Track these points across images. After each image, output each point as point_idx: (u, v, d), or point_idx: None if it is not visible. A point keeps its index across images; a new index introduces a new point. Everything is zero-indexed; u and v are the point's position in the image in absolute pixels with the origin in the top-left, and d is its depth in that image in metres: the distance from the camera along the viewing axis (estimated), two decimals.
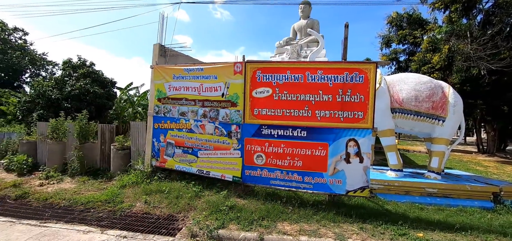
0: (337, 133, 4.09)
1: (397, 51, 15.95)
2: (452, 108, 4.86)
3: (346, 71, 4.04)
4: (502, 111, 12.06)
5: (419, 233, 3.33)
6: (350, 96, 4.04)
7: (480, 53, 10.37)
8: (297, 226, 3.42)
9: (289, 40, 9.30)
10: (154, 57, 5.59)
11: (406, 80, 5.06)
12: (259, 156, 4.39)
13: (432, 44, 11.84)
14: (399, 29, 15.86)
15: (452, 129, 4.95)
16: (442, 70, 11.24)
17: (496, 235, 3.34)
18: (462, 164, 9.20)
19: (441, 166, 4.96)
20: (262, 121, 4.32)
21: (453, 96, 4.93)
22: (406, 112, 4.91)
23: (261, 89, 4.29)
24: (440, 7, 12.79)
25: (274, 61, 4.30)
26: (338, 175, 4.10)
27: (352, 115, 4.04)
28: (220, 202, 4.06)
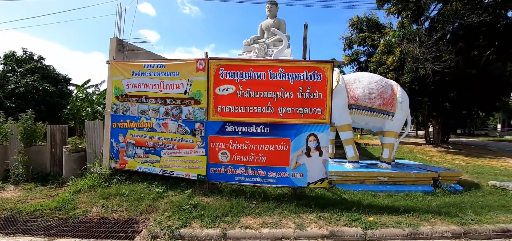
0: (298, 129, 4.27)
1: (358, 52, 17.10)
2: (400, 104, 5.39)
3: (306, 70, 4.24)
4: (445, 108, 13.67)
5: (370, 217, 3.65)
6: (310, 93, 4.25)
7: (427, 55, 11.62)
8: (259, 220, 3.51)
9: (257, 39, 9.41)
10: (111, 52, 5.24)
11: (361, 79, 5.48)
12: (223, 153, 4.40)
13: (387, 47, 12.95)
14: (359, 32, 17.01)
15: (400, 123, 5.51)
16: (396, 70, 12.37)
17: (433, 214, 3.80)
18: (412, 155, 10.27)
19: (391, 156, 5.48)
20: (226, 118, 4.34)
21: (401, 93, 5.47)
22: (361, 108, 5.31)
23: (225, 86, 4.30)
24: (394, 13, 14.03)
25: (237, 59, 4.34)
26: (299, 168, 4.29)
27: (312, 111, 4.26)
28: (184, 202, 4.00)
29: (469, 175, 6.51)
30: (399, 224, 3.44)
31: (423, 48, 11.81)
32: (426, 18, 14.16)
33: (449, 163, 8.58)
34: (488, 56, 12.48)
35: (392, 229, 3.31)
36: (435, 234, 3.32)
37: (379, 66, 12.83)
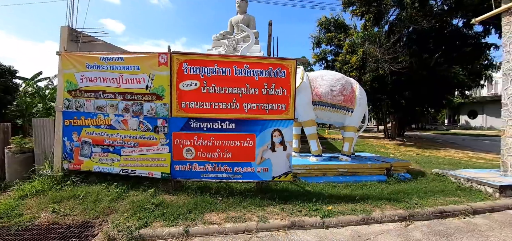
0: (263, 124, 4.36)
1: (325, 51, 17.88)
2: (358, 101, 5.79)
3: (270, 66, 4.33)
4: (401, 105, 15.01)
5: (329, 206, 3.88)
6: (274, 90, 4.35)
7: (385, 56, 12.60)
8: (224, 215, 3.53)
9: (226, 34, 9.33)
10: (62, 42, 4.79)
11: (324, 76, 5.76)
12: (188, 150, 4.32)
13: (351, 47, 13.77)
14: (327, 31, 17.77)
15: (359, 118, 5.92)
16: (358, 69, 13.23)
17: (384, 201, 4.17)
18: (371, 148, 11.12)
19: (350, 149, 5.88)
20: (190, 115, 4.25)
21: (359, 91, 5.87)
22: (324, 105, 5.59)
23: (189, 81, 4.21)
24: (358, 15, 14.93)
25: (201, 54, 4.26)
26: (265, 163, 4.39)
27: (276, 107, 4.37)
28: (146, 201, 3.85)
29: (418, 165, 7.26)
30: (354, 211, 3.71)
31: (382, 50, 12.77)
32: (386, 22, 15.33)
33: (402, 154, 9.46)
34: (436, 59, 13.94)
35: (347, 216, 3.56)
36: (385, 218, 3.66)
37: (344, 65, 13.59)
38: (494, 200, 4.48)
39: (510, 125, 5.52)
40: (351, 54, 13.44)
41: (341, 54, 14.28)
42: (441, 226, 3.60)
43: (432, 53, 14.13)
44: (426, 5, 13.31)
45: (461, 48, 13.74)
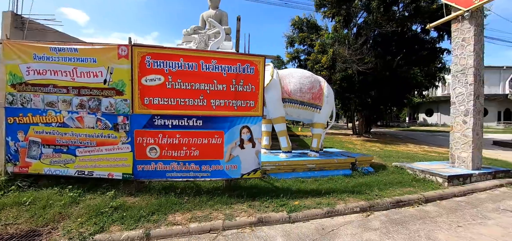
0: (231, 121, 4.30)
1: (298, 50, 18.27)
2: (326, 99, 5.99)
3: (239, 62, 4.28)
4: (368, 103, 15.93)
5: (296, 201, 3.95)
6: (243, 86, 4.31)
7: (353, 57, 13.25)
8: (189, 215, 3.41)
9: (198, 29, 9.06)
10: (4, 29, 4.25)
11: (293, 74, 5.86)
12: (152, 149, 4.10)
13: (322, 47, 14.25)
14: (300, 31, 18.18)
15: (327, 115, 6.13)
16: (328, 69, 13.75)
17: (347, 194, 4.36)
18: (340, 144, 11.63)
19: (319, 145, 6.07)
20: (154, 111, 4.03)
21: (327, 89, 6.08)
22: (293, 102, 5.69)
23: (152, 76, 3.98)
24: (329, 16, 15.53)
25: (166, 47, 4.06)
26: (233, 160, 4.34)
27: (245, 104, 4.34)
28: (104, 204, 3.57)
29: (380, 159, 7.76)
30: (319, 205, 3.82)
31: (350, 51, 13.41)
32: (354, 25, 16.12)
33: (367, 149, 10.05)
34: (398, 61, 15.02)
35: (313, 210, 3.66)
36: (348, 210, 3.82)
37: (315, 64, 14.02)
38: (443, 189, 4.94)
39: (457, 122, 6.12)
40: (322, 54, 13.91)
41: (313, 54, 14.71)
42: (398, 215, 3.86)
43: (394, 56, 15.21)
44: (390, 10, 14.25)
45: (419, 52, 14.97)
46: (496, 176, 5.83)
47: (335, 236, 3.14)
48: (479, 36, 6.01)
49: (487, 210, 4.18)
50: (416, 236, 3.21)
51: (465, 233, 3.29)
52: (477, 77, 5.89)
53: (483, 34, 6.20)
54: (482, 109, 6.05)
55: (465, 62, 6.01)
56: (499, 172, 5.94)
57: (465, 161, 5.87)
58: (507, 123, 33.07)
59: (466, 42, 6.01)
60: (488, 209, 4.25)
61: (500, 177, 5.88)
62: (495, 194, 5.06)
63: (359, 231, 3.28)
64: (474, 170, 5.71)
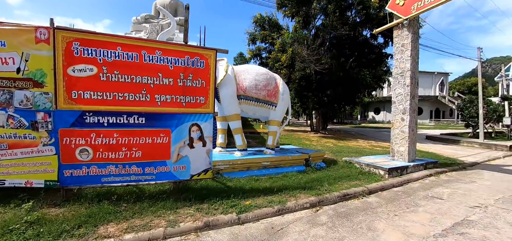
0: (179, 119, 3.98)
1: (260, 48, 18.37)
2: (281, 96, 6.02)
3: (187, 55, 3.97)
4: (324, 101, 16.83)
5: (248, 201, 3.83)
6: (192, 81, 4.02)
7: (311, 57, 13.80)
8: (125, 224, 3.02)
9: (150, 18, 8.35)
10: None
11: (249, 70, 5.74)
12: (83, 151, 3.54)
13: (282, 46, 14.53)
14: (262, 29, 18.28)
15: (282, 112, 6.18)
16: (288, 67, 14.10)
17: (299, 190, 4.41)
18: (298, 140, 12.04)
19: (274, 143, 6.08)
20: (85, 107, 3.48)
21: (282, 86, 6.12)
22: (249, 99, 5.58)
23: (82, 66, 3.43)
24: (288, 16, 15.89)
25: (99, 33, 3.53)
26: (182, 161, 4.03)
27: (194, 100, 4.06)
28: (17, 220, 2.96)
29: (332, 154, 8.19)
30: (271, 203, 3.77)
31: (309, 51, 13.93)
32: (313, 26, 16.82)
33: (322, 145, 10.57)
34: (351, 63, 16.17)
35: (263, 209, 3.58)
36: (298, 207, 3.84)
37: (275, 62, 14.23)
38: (384, 181, 5.37)
39: (396, 119, 6.76)
40: (282, 52, 14.18)
41: (274, 52, 14.92)
42: (344, 208, 4.03)
43: (347, 58, 16.32)
44: (344, 15, 15.21)
45: (368, 55, 16.32)
46: (427, 166, 6.60)
47: (284, 234, 3.11)
48: (415, 43, 6.71)
49: (418, 198, 4.65)
50: (359, 227, 3.36)
51: (400, 221, 3.57)
52: (413, 79, 6.56)
53: (418, 41, 6.94)
54: (417, 108, 6.78)
55: (404, 66, 6.64)
56: (429, 163, 6.74)
57: (402, 155, 6.52)
58: (437, 120, 38.53)
59: (404, 47, 6.64)
60: (420, 197, 4.73)
61: (430, 167, 6.67)
62: (426, 183, 5.70)
63: (307, 227, 3.30)
64: (410, 162, 6.37)
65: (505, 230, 3.35)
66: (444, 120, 38.36)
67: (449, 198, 4.66)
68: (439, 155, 9.14)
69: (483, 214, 3.90)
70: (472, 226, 3.47)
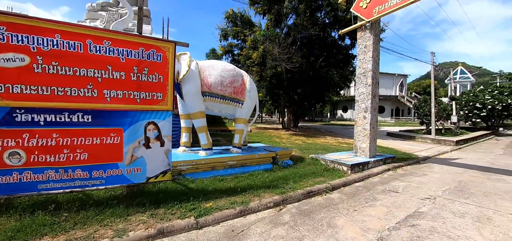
0: (133, 117, 3.64)
1: (232, 44, 18.08)
2: (248, 93, 5.90)
3: (142, 47, 3.64)
4: (295, 100, 17.16)
5: (209, 203, 3.65)
6: (148, 76, 3.70)
7: (282, 55, 13.92)
8: (63, 237, 2.65)
9: (107, 5, 7.64)
10: None
11: (214, 66, 5.52)
12: (13, 154, 3.05)
13: (254, 43, 14.45)
14: (234, 25, 17.99)
15: (249, 110, 6.06)
16: (259, 65, 14.08)
17: (264, 189, 4.34)
18: (268, 138, 12.11)
19: (241, 141, 5.95)
20: (14, 103, 2.99)
21: (249, 83, 6.00)
22: (214, 96, 5.36)
23: (10, 55, 2.93)
24: (260, 13, 15.86)
25: (32, 17, 3.04)
26: (137, 162, 3.69)
27: (151, 96, 3.74)
28: None
29: (300, 151, 8.33)
30: (233, 205, 3.63)
31: (280, 49, 14.04)
32: (285, 25, 17.00)
33: (292, 142, 10.75)
34: (320, 62, 16.67)
35: (225, 211, 3.43)
36: (262, 207, 3.76)
37: (247, 59, 14.10)
38: (347, 177, 5.56)
39: (359, 117, 7.06)
40: (253, 50, 14.08)
41: (245, 49, 14.77)
42: (307, 206, 4.05)
43: (317, 57, 16.80)
44: (314, 15, 15.61)
45: (337, 56, 17.00)
46: (386, 162, 7.01)
47: (244, 237, 2.99)
48: (377, 45, 7.05)
49: (377, 192, 4.87)
50: (319, 225, 3.38)
51: (358, 216, 3.68)
52: (374, 79, 6.90)
53: (379, 43, 7.31)
54: (377, 106, 7.16)
55: (366, 66, 6.95)
56: (388, 159, 7.17)
57: (364, 151, 6.84)
58: (397, 118, 41.81)
59: (367, 49, 6.95)
60: (378, 191, 4.97)
61: (388, 162, 7.11)
62: (384, 177, 6.03)
63: (269, 228, 3.23)
64: (371, 158, 6.71)
65: (450, 220, 3.62)
66: (403, 118, 41.75)
67: (403, 191, 4.97)
68: (397, 151, 9.83)
69: (432, 205, 4.19)
70: (422, 217, 3.70)
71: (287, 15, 16.44)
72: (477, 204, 4.24)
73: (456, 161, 8.63)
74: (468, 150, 11.66)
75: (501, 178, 6.19)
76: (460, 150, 11.65)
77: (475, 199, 4.55)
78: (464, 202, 4.36)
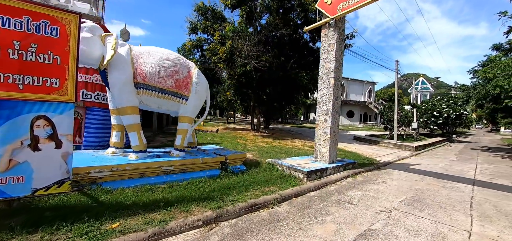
0: (12, 108, 2.70)
1: (201, 39, 17.08)
2: (195, 88, 5.14)
3: (27, 15, 2.72)
4: (264, 100, 16.66)
5: (116, 223, 2.83)
6: (37, 54, 2.79)
7: (252, 53, 13.31)
8: None
9: None
10: None
11: (153, 53, 4.68)
12: None
13: (222, 38, 13.65)
14: (205, 19, 17.01)
15: (195, 108, 5.28)
16: (226, 61, 13.31)
17: (198, 202, 3.61)
18: (232, 139, 11.40)
19: (183, 143, 5.16)
20: None
21: (197, 76, 5.23)
22: (150, 88, 4.52)
23: None
24: (229, 6, 15.14)
25: None
26: (17, 169, 2.75)
27: (41, 82, 2.83)
28: None
29: (260, 155, 7.74)
30: (146, 225, 2.85)
31: (249, 47, 13.41)
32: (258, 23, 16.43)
33: (256, 145, 10.16)
34: (292, 64, 16.39)
35: (130, 236, 2.64)
36: (186, 226, 3.04)
37: (213, 55, 13.27)
38: (302, 185, 5.05)
39: (320, 120, 6.67)
40: (221, 45, 13.29)
41: (212, 44, 13.91)
42: (246, 223, 3.42)
43: (288, 58, 16.49)
44: (287, 15, 15.27)
45: (308, 58, 16.84)
46: (346, 168, 6.70)
47: None
48: (340, 44, 6.71)
49: (331, 203, 4.41)
50: None
51: (302, 238, 3.12)
52: (336, 80, 6.54)
53: (343, 43, 6.98)
54: (339, 109, 6.83)
55: (329, 66, 6.57)
56: (348, 164, 6.87)
57: (324, 156, 6.44)
58: (365, 123, 43.69)
59: (330, 48, 6.57)
60: (332, 202, 4.52)
61: (349, 168, 6.80)
62: (342, 185, 5.65)
63: None
64: (330, 164, 6.32)
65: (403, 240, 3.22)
66: (370, 123, 43.74)
67: (359, 202, 4.57)
68: (360, 155, 9.72)
69: (386, 221, 3.80)
70: (373, 237, 3.26)
71: (261, 14, 15.92)
72: (433, 219, 3.95)
73: (415, 167, 8.69)
74: (426, 156, 12.07)
75: (455, 186, 6.16)
76: (418, 156, 12.01)
77: (430, 211, 4.29)
78: (420, 216, 4.05)
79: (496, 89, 11.48)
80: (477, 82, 17.51)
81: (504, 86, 10.97)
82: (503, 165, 10.34)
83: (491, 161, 11.64)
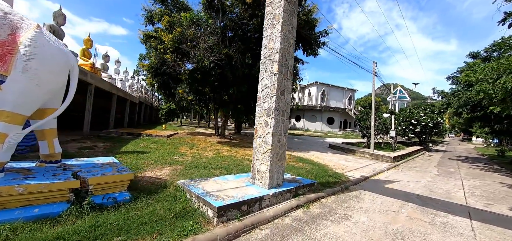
0: None
1: (158, 30, 14.73)
2: (24, 64, 2.92)
3: None
4: (225, 101, 14.49)
5: None
6: None
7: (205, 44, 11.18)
8: None
9: None
10: None
11: None
12: None
13: (170, 25, 11.42)
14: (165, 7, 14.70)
15: (22, 96, 3.02)
16: (174, 52, 11.08)
17: None
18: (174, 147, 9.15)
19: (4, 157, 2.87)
20: None
21: (34, 44, 2.99)
22: None
23: None
24: None
25: None
26: None
27: None
28: None
29: (182, 171, 5.55)
30: None
31: (205, 37, 11.31)
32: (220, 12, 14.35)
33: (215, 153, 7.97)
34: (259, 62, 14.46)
35: None
36: None
37: (159, 43, 10.99)
38: (205, 233, 2.94)
39: (260, 123, 4.64)
40: (168, 32, 11.06)
41: (159, 30, 11.63)
42: None
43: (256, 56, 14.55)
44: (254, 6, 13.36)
45: None
46: (297, 193, 4.70)
47: None
48: (291, 16, 4.77)
49: None
50: None
51: None
52: (282, 66, 4.57)
53: (295, 15, 4.99)
54: (288, 109, 4.85)
55: (272, 46, 4.60)
56: (302, 187, 4.88)
57: (263, 177, 4.39)
58: (344, 130, 42.87)
59: (275, 19, 4.62)
60: None
61: (302, 193, 4.82)
62: (281, 227, 3.60)
63: None
64: (270, 189, 4.29)
65: None
66: (350, 130, 42.98)
67: None
68: (328, 170, 7.86)
69: None
70: None
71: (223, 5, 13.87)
72: None
73: (393, 186, 6.93)
74: (405, 169, 10.51)
75: (447, 221, 4.36)
76: (397, 168, 10.42)
77: None
78: None
79: (479, 94, 10.20)
80: (456, 88, 16.63)
81: (488, 91, 9.68)
82: (488, 181, 8.97)
83: (474, 175, 10.31)
